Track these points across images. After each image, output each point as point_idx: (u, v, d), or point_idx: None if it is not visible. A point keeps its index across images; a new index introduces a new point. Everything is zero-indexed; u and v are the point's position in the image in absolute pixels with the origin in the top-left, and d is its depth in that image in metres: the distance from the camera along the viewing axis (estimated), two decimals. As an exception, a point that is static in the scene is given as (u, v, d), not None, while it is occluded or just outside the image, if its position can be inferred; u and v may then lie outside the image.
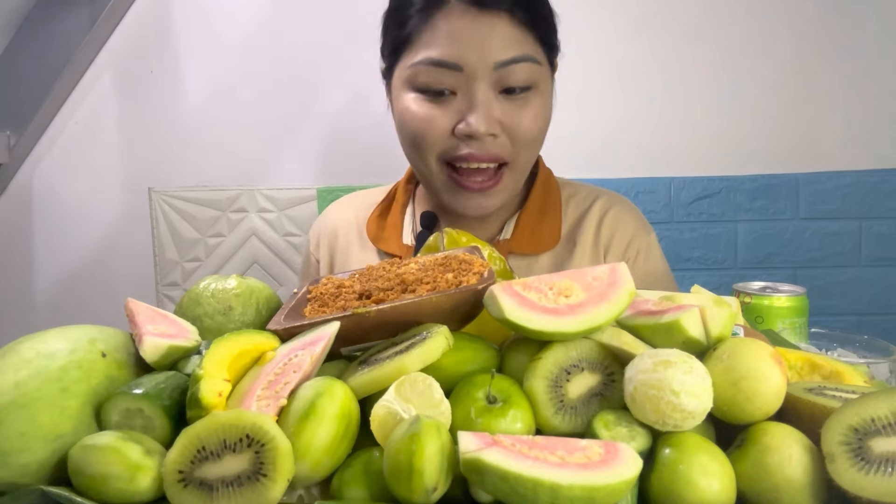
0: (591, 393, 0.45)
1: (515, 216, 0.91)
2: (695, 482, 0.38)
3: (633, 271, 0.89)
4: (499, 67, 0.78)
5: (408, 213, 0.95)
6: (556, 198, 0.93)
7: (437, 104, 0.80)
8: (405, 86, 0.82)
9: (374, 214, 0.95)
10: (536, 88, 0.81)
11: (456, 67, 0.77)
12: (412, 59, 0.80)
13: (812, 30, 1.48)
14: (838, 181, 1.51)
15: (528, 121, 0.81)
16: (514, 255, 0.89)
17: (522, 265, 0.89)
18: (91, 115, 1.55)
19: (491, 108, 0.78)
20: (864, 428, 0.38)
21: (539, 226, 0.90)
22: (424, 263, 0.58)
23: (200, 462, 0.38)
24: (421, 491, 0.37)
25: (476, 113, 0.78)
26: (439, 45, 0.77)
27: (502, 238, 0.90)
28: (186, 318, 0.55)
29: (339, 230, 0.99)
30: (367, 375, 0.44)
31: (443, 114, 0.79)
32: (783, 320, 0.77)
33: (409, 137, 0.83)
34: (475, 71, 0.77)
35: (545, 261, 0.90)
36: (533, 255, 0.89)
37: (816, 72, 1.48)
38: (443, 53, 0.77)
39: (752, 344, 0.43)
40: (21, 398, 0.42)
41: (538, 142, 0.85)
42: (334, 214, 1.01)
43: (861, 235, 1.52)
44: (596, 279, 0.48)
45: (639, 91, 1.50)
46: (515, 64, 0.78)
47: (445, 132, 0.80)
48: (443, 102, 0.80)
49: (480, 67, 0.77)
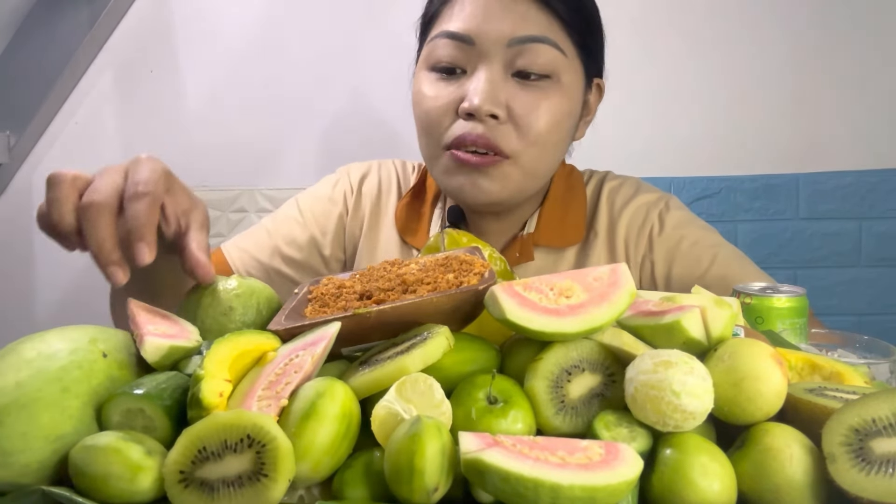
0: (591, 393, 0.45)
1: (537, 211, 0.89)
2: (695, 483, 0.38)
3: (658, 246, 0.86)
4: (513, 44, 0.75)
5: (437, 208, 0.91)
6: (580, 191, 0.90)
7: (447, 83, 0.78)
8: (422, 66, 0.81)
9: (404, 202, 0.92)
10: (557, 80, 0.77)
11: (468, 40, 0.75)
12: (432, 34, 0.79)
13: (812, 30, 1.48)
14: (838, 181, 1.51)
15: (541, 112, 0.76)
16: (539, 248, 0.87)
17: (550, 261, 0.87)
18: (91, 115, 1.55)
19: (496, 87, 0.75)
20: (865, 428, 0.38)
21: (564, 218, 0.87)
22: (425, 264, 0.58)
23: (201, 462, 0.39)
24: (422, 491, 0.37)
25: (479, 89, 0.74)
26: (456, 19, 0.77)
27: (526, 233, 0.87)
28: (187, 318, 0.55)
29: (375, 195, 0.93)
30: (368, 376, 0.44)
31: (449, 92, 0.77)
32: (783, 321, 0.77)
33: (418, 119, 0.81)
34: (487, 46, 0.75)
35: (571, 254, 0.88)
36: (559, 248, 0.87)
37: (816, 72, 1.49)
38: (458, 26, 0.76)
39: (752, 344, 0.43)
40: (22, 398, 0.42)
41: (548, 142, 0.79)
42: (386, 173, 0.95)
43: (861, 235, 1.52)
44: (597, 280, 0.48)
45: (638, 91, 1.50)
46: (532, 43, 0.75)
47: (450, 110, 0.77)
48: (452, 81, 0.78)
49: (492, 42, 0.75)
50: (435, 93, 0.78)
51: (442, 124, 0.78)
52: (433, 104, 0.78)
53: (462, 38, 0.76)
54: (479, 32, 0.75)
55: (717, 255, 0.85)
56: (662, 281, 0.87)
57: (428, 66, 0.80)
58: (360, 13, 1.51)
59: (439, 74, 0.79)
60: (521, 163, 0.78)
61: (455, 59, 0.77)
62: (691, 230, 0.88)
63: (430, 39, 0.79)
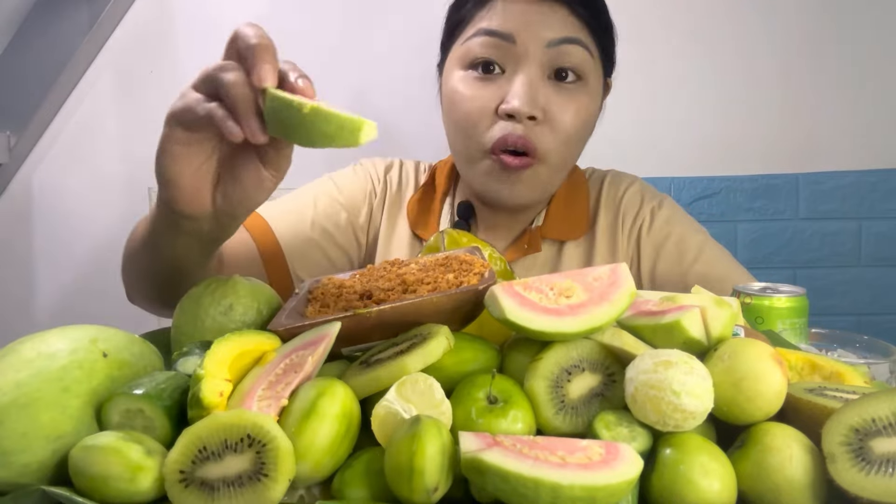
0: (591, 393, 0.45)
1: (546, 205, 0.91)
2: (695, 482, 0.38)
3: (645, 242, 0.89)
4: (552, 46, 0.78)
5: (447, 203, 0.94)
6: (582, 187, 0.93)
7: (484, 83, 0.80)
8: (456, 65, 0.82)
9: (416, 197, 0.94)
10: (586, 82, 0.81)
11: (509, 38, 0.78)
12: (467, 35, 0.81)
13: (812, 30, 1.48)
14: (838, 181, 1.51)
15: (572, 113, 0.80)
16: (546, 240, 0.89)
17: (555, 252, 0.90)
18: (91, 115, 1.55)
19: (536, 90, 0.78)
20: (865, 428, 0.38)
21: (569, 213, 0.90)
22: (425, 264, 0.58)
23: (201, 462, 0.39)
24: (422, 491, 0.37)
25: (520, 91, 0.77)
26: (496, 18, 0.78)
27: (535, 226, 0.90)
28: (187, 318, 0.55)
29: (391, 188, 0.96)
30: (368, 375, 0.44)
31: (488, 93, 0.79)
32: (783, 321, 0.77)
33: (455, 120, 0.83)
34: (527, 46, 0.78)
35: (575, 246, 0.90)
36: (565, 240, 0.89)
37: (816, 72, 1.49)
38: (497, 24, 0.78)
39: (752, 344, 0.43)
40: (22, 398, 0.42)
41: (576, 142, 0.83)
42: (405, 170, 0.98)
43: (861, 235, 1.52)
44: (597, 279, 0.48)
45: (638, 91, 1.50)
46: (569, 44, 0.78)
47: (489, 112, 0.79)
48: (490, 81, 0.80)
49: (532, 43, 0.77)
50: (473, 93, 0.80)
51: (482, 125, 0.80)
52: (473, 105, 0.80)
53: (503, 36, 0.78)
54: (520, 31, 0.78)
55: (701, 253, 0.87)
56: (647, 277, 0.89)
57: (464, 65, 0.81)
58: (359, 13, 1.51)
59: (477, 73, 0.80)
60: (551, 162, 0.81)
61: (494, 57, 0.79)
62: (679, 228, 0.90)
63: (465, 39, 0.81)
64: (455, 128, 0.84)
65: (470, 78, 0.80)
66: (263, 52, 0.51)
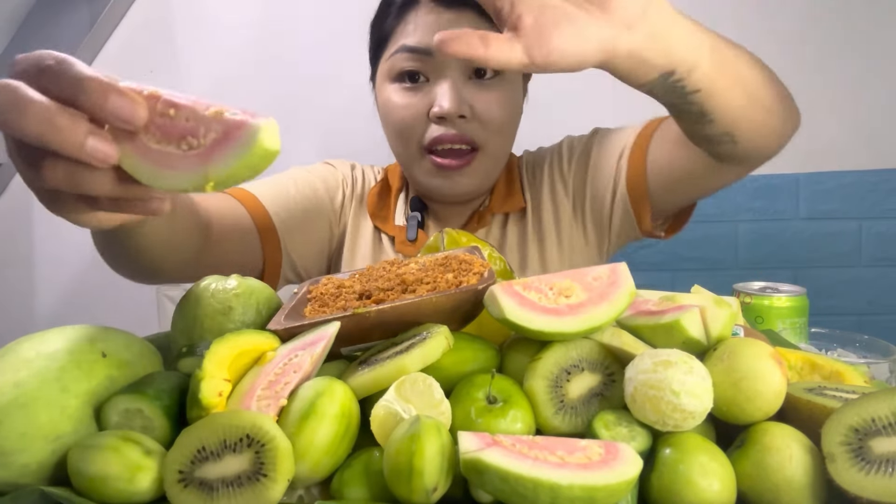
0: (591, 393, 0.45)
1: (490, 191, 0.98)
2: (695, 482, 0.38)
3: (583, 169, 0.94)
4: None
5: (401, 198, 1.01)
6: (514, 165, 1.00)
7: (413, 91, 0.86)
8: (386, 79, 0.89)
9: (374, 191, 1.01)
10: (503, 75, 0.88)
11: (427, 52, 0.84)
12: (390, 51, 0.87)
13: (812, 30, 1.48)
14: (838, 181, 1.51)
15: (497, 106, 0.86)
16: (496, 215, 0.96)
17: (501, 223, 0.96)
18: (91, 115, 1.55)
19: (460, 91, 0.84)
20: (865, 428, 0.38)
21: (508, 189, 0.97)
22: (425, 263, 0.58)
23: (200, 462, 0.39)
24: (421, 491, 0.37)
25: (447, 95, 0.84)
26: (413, 34, 0.85)
27: (483, 208, 0.97)
28: (186, 318, 0.55)
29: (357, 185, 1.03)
30: (368, 375, 0.44)
31: (418, 100, 0.86)
32: (783, 320, 0.77)
33: (392, 126, 0.90)
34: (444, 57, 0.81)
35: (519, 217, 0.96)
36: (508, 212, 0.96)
37: (817, 72, 1.48)
38: (415, 41, 0.84)
39: (752, 344, 0.43)
40: (21, 398, 0.42)
41: (508, 129, 0.90)
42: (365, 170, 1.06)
43: (861, 235, 1.52)
44: (596, 279, 0.48)
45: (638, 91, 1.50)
46: None
47: (422, 116, 0.86)
48: (418, 90, 0.86)
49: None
50: (405, 101, 0.87)
51: (417, 129, 0.87)
52: (407, 112, 0.87)
53: (422, 52, 0.84)
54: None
55: (601, 146, 0.94)
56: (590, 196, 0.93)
57: (391, 79, 0.88)
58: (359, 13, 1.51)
59: (405, 84, 0.87)
60: (490, 151, 0.89)
61: (418, 69, 0.86)
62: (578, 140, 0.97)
63: (389, 56, 0.88)
64: (393, 134, 0.90)
65: (400, 89, 0.87)
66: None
